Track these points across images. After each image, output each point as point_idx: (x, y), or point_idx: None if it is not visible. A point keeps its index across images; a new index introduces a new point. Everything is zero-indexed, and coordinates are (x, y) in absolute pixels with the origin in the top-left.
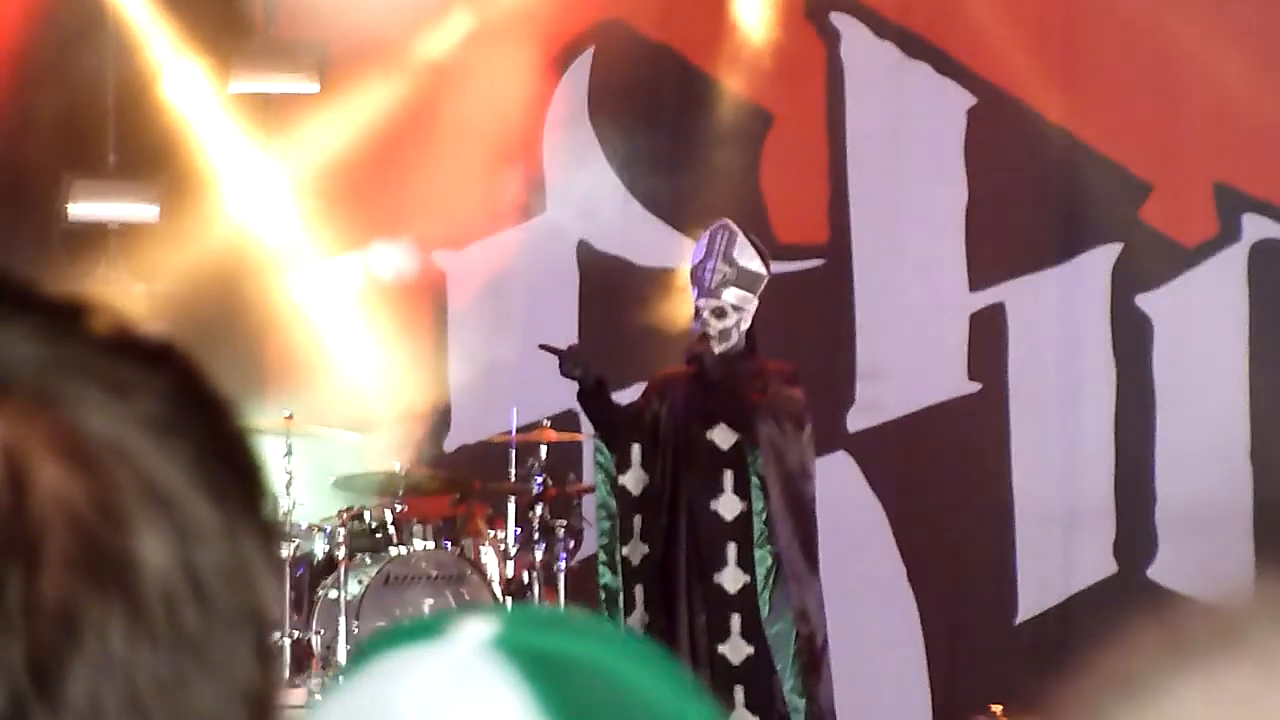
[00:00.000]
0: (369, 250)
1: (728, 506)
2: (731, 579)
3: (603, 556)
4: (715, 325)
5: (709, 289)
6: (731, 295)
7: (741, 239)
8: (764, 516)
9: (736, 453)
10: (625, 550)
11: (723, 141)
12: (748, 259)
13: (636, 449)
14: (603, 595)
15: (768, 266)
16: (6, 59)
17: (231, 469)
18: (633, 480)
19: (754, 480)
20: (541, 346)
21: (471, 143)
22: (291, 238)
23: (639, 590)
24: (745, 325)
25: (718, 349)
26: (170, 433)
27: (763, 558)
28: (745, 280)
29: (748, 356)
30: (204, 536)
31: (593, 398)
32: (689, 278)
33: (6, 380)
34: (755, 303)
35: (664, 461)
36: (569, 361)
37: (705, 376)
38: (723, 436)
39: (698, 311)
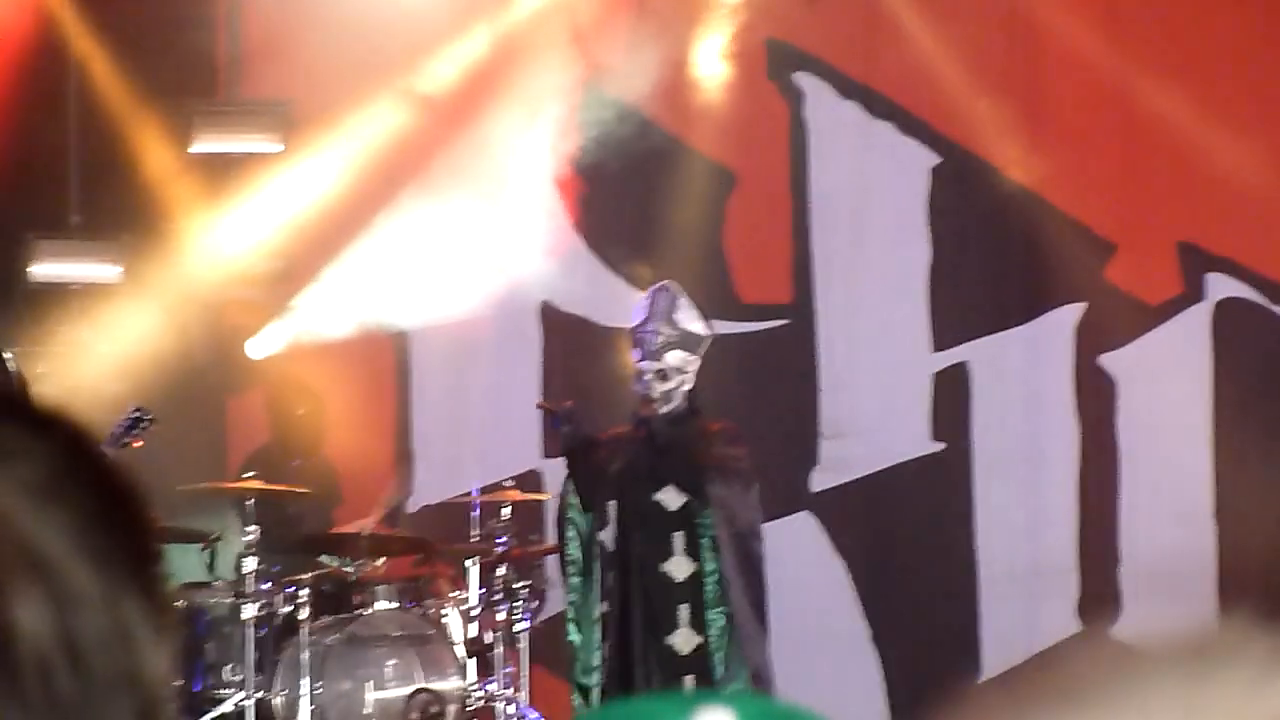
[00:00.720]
0: (331, 310)
1: (679, 567)
2: (684, 640)
3: (571, 614)
4: (659, 387)
5: (652, 351)
6: (674, 358)
7: (683, 300)
8: (715, 577)
9: (685, 514)
10: (601, 608)
11: (686, 200)
12: (689, 320)
13: (613, 506)
14: (570, 652)
15: (709, 327)
16: None
17: (117, 535)
18: (609, 537)
19: (704, 541)
20: (540, 406)
21: (435, 202)
22: (254, 298)
23: (607, 648)
24: (688, 387)
25: (662, 411)
26: (52, 500)
27: (715, 618)
28: (688, 342)
29: (691, 417)
30: (83, 604)
31: (580, 456)
32: (632, 337)
33: None
34: (697, 363)
35: (622, 520)
36: (563, 419)
37: (653, 439)
38: (671, 498)
39: (641, 374)
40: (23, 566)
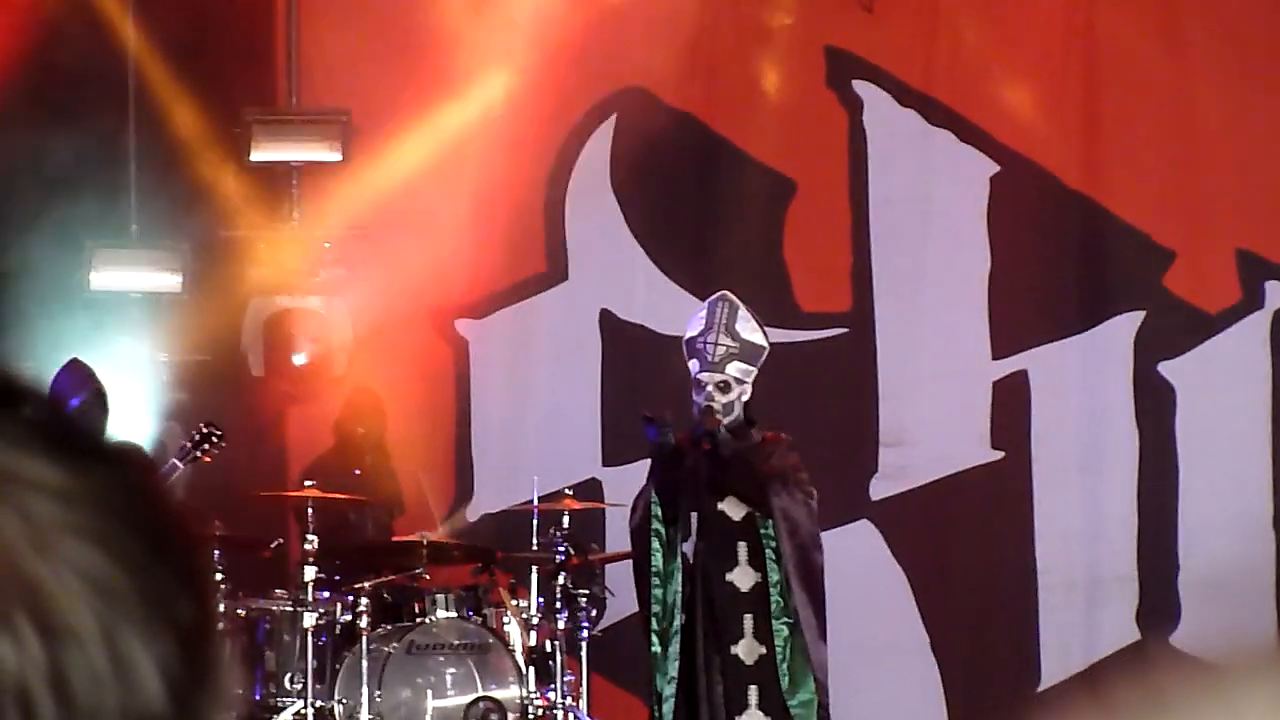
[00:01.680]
0: (391, 318)
1: (743, 578)
2: (747, 650)
3: (654, 625)
4: (720, 399)
5: (712, 362)
6: (735, 369)
7: (743, 311)
8: (779, 588)
9: (749, 524)
10: (682, 619)
11: (745, 209)
12: (749, 332)
13: (695, 517)
14: (653, 663)
15: (767, 338)
16: (30, 127)
17: (133, 573)
18: (690, 549)
19: (768, 552)
20: (644, 415)
21: (494, 211)
22: (314, 307)
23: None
24: (746, 397)
25: (724, 422)
26: (66, 535)
27: (779, 629)
28: (748, 353)
29: (748, 428)
30: (75, 639)
31: (668, 467)
32: (688, 348)
33: None
34: (754, 374)
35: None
36: (662, 429)
37: (717, 450)
38: (733, 508)
39: (701, 384)
40: (16, 601)
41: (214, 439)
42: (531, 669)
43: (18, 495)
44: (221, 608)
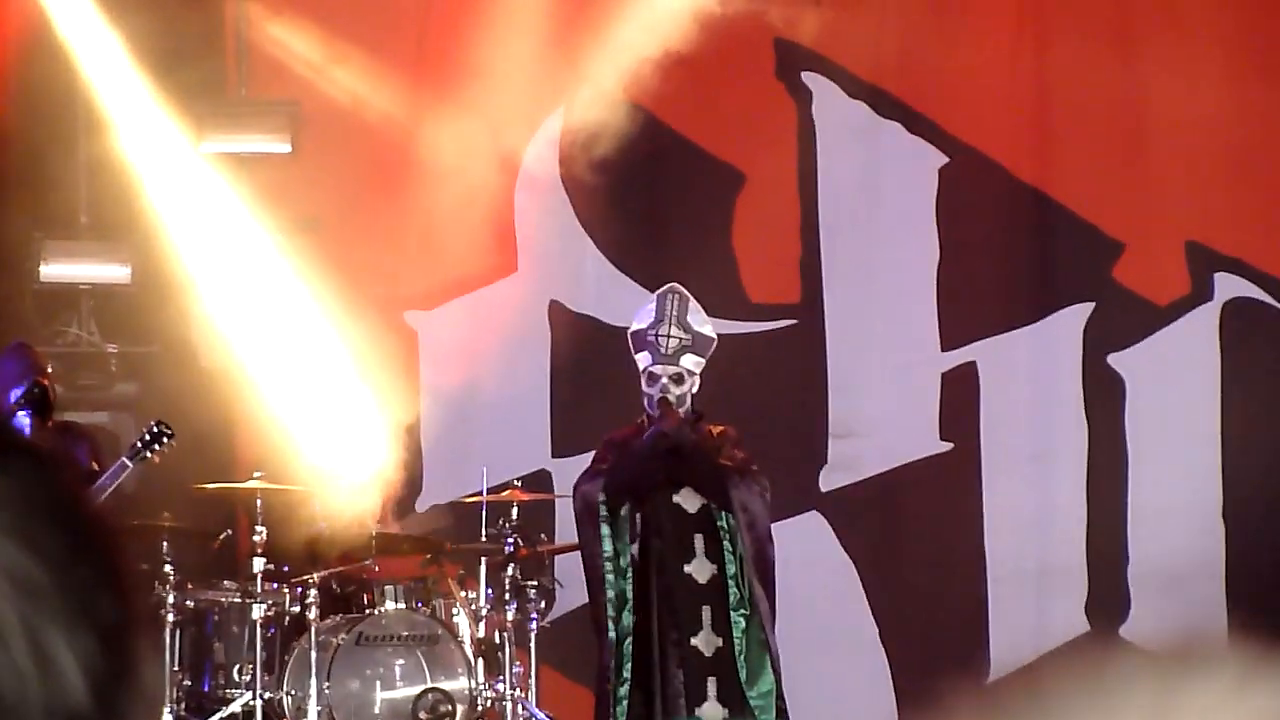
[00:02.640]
0: (340, 309)
1: (700, 570)
2: (705, 642)
3: (611, 611)
4: (675, 391)
5: (666, 355)
6: (688, 361)
7: (693, 304)
8: (736, 580)
9: (704, 516)
10: (626, 621)
11: (694, 200)
12: (700, 324)
13: (639, 517)
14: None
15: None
16: None
17: (55, 571)
18: (637, 549)
19: (725, 544)
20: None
21: (442, 202)
22: (262, 297)
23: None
24: (695, 390)
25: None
26: None
27: (737, 621)
28: (700, 345)
29: (697, 420)
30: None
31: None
32: (635, 340)
33: None
34: (704, 366)
35: (639, 521)
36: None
37: (677, 444)
38: (689, 500)
39: (655, 377)
40: None
41: (165, 438)
42: (480, 660)
43: None
44: (170, 599)
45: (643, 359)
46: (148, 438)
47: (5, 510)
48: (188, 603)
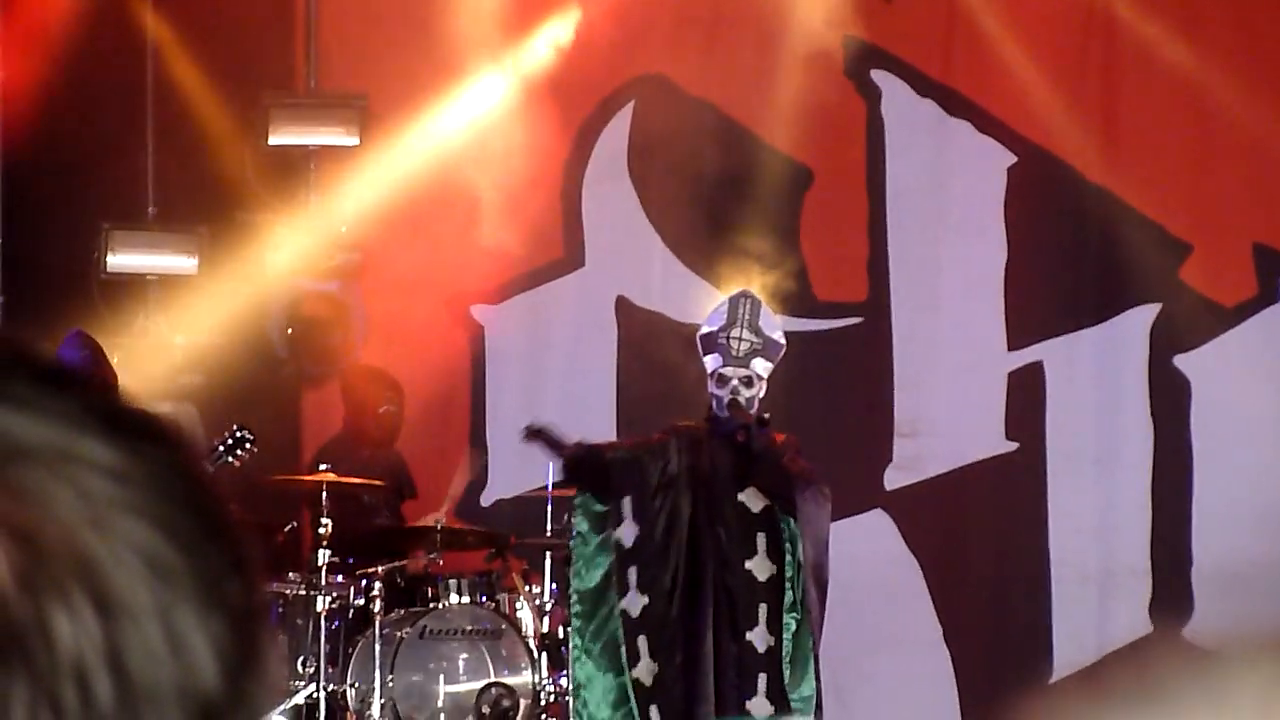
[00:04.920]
0: (407, 303)
1: (761, 568)
2: (760, 638)
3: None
4: (745, 394)
5: (737, 357)
6: (759, 365)
7: (765, 308)
8: (794, 583)
9: (768, 516)
10: (623, 604)
11: (762, 197)
12: (771, 329)
13: (628, 502)
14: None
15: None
16: (48, 109)
17: (186, 552)
18: (626, 533)
19: (787, 547)
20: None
21: (511, 197)
22: (331, 291)
23: (642, 641)
24: (762, 395)
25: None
26: (119, 513)
27: (789, 623)
28: (770, 350)
29: (764, 425)
30: (132, 615)
31: (581, 462)
32: (705, 343)
33: None
34: (771, 371)
35: (673, 515)
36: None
37: (748, 444)
38: (753, 500)
39: (725, 379)
40: (73, 577)
41: (247, 444)
42: (543, 655)
43: (75, 474)
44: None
45: (712, 360)
46: (230, 442)
47: (137, 490)
48: (267, 595)
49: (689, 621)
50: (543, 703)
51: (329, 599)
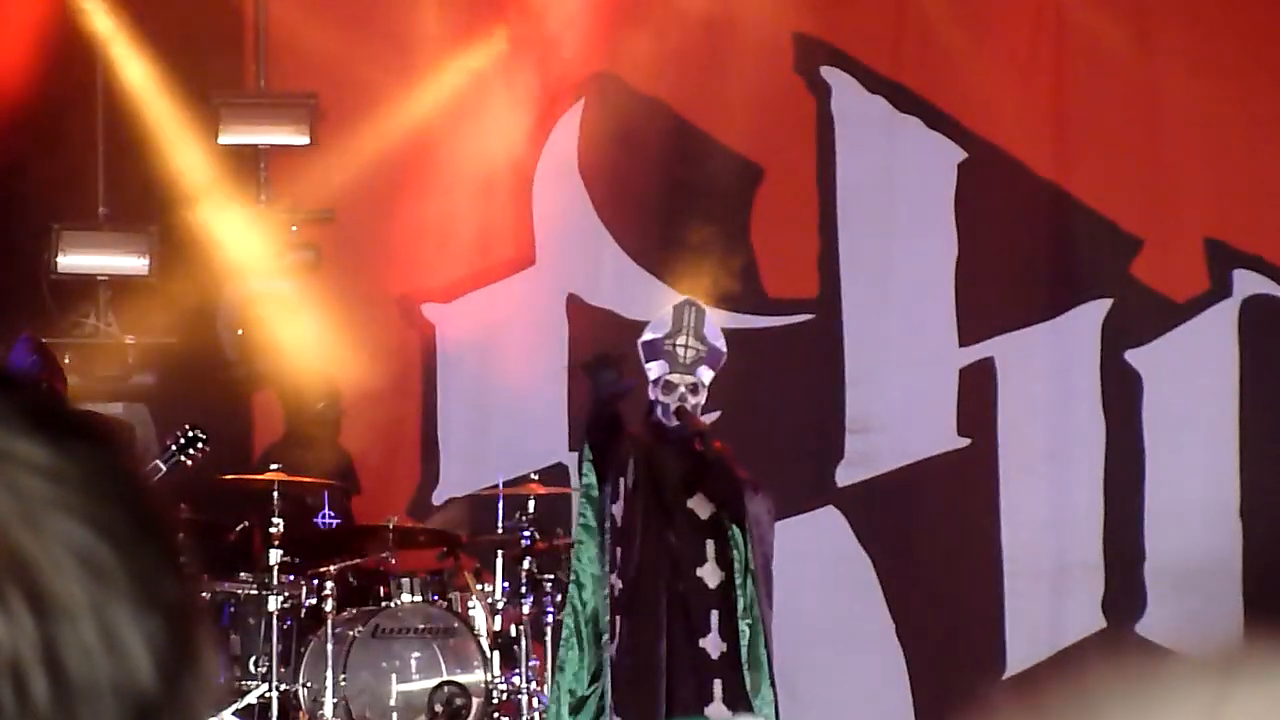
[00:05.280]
0: (358, 302)
1: (711, 574)
2: (713, 645)
3: (593, 570)
4: (691, 401)
5: (684, 365)
6: (704, 373)
7: (709, 317)
8: (745, 589)
9: (715, 524)
10: (612, 579)
11: (713, 195)
12: (715, 337)
13: (623, 483)
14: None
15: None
16: None
17: (121, 551)
18: (618, 512)
19: (736, 554)
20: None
21: (461, 195)
22: (281, 290)
23: (620, 621)
24: (703, 403)
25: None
26: (56, 511)
27: (743, 629)
28: (714, 359)
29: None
30: (67, 614)
31: (611, 430)
32: (649, 349)
33: None
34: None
35: (637, 518)
36: (601, 368)
37: (701, 451)
38: (701, 507)
39: (672, 386)
40: (8, 576)
41: (199, 443)
42: (496, 653)
43: (8, 472)
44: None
45: (657, 368)
46: (182, 441)
47: (72, 490)
48: (204, 594)
49: (641, 632)
50: (495, 701)
51: (281, 598)
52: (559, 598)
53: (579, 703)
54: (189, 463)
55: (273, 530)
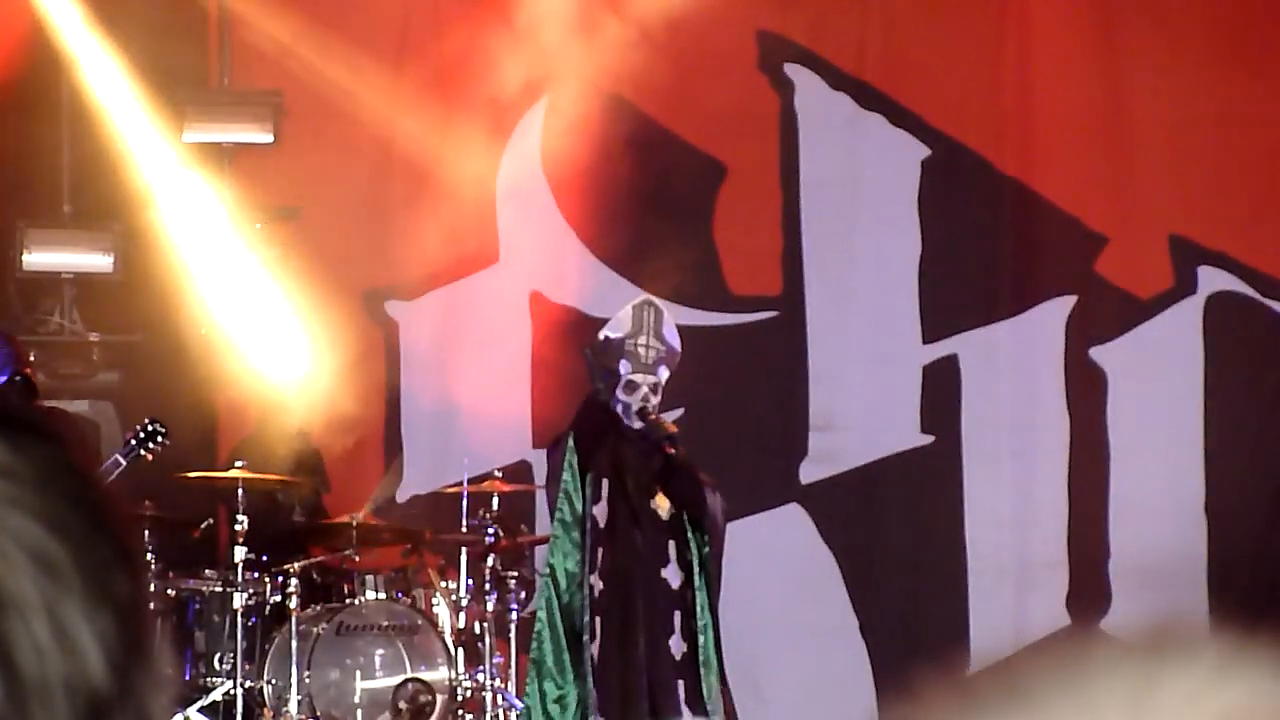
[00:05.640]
0: (322, 299)
1: (673, 575)
2: (676, 646)
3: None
4: (653, 401)
5: (646, 365)
6: (663, 373)
7: (667, 316)
8: (702, 591)
9: (675, 524)
10: (591, 579)
11: (676, 192)
12: (672, 337)
13: (605, 483)
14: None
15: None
16: None
17: (73, 548)
18: (600, 513)
19: (694, 555)
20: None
21: (425, 192)
22: (245, 288)
23: (599, 622)
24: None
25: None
26: (9, 509)
27: (700, 629)
28: (672, 359)
29: None
30: (19, 610)
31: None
32: (609, 348)
33: None
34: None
35: (614, 518)
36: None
37: (672, 454)
38: (661, 506)
39: (634, 385)
40: None
41: (159, 437)
42: (460, 650)
43: None
44: (151, 588)
45: (622, 366)
46: (142, 435)
47: (24, 487)
48: (169, 591)
49: (616, 632)
50: (459, 698)
51: (245, 595)
52: (523, 594)
53: (558, 699)
54: (150, 457)
55: (237, 528)
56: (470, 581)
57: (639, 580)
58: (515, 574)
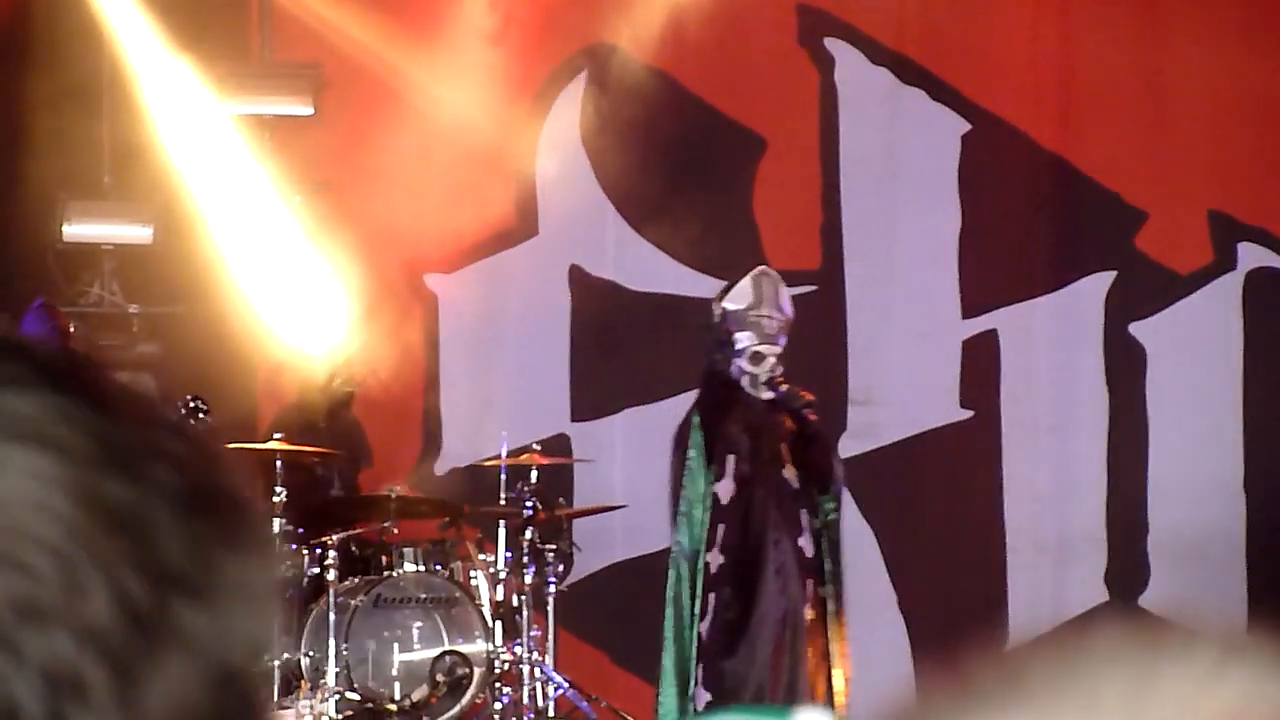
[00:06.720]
0: (361, 272)
1: (806, 543)
2: (807, 615)
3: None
4: (779, 371)
5: (770, 336)
6: (783, 342)
7: (783, 285)
8: (829, 559)
9: (806, 494)
10: (708, 557)
11: (716, 166)
12: (788, 306)
13: (731, 460)
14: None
15: None
16: (2, 81)
17: (225, 537)
18: (723, 490)
19: (819, 523)
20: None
21: (464, 165)
22: (284, 260)
23: (714, 598)
24: None
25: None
26: (189, 510)
27: (825, 599)
28: (788, 327)
29: None
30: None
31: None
32: (733, 319)
33: None
34: None
35: (748, 487)
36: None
37: (804, 424)
38: (792, 476)
39: (760, 356)
40: (162, 578)
41: (201, 414)
42: (498, 623)
43: (154, 472)
44: None
45: (746, 338)
46: (184, 412)
47: (195, 491)
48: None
49: (749, 592)
50: (497, 671)
51: (283, 568)
52: (560, 568)
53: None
54: None
55: (275, 500)
56: (508, 554)
57: (770, 553)
58: (553, 547)
